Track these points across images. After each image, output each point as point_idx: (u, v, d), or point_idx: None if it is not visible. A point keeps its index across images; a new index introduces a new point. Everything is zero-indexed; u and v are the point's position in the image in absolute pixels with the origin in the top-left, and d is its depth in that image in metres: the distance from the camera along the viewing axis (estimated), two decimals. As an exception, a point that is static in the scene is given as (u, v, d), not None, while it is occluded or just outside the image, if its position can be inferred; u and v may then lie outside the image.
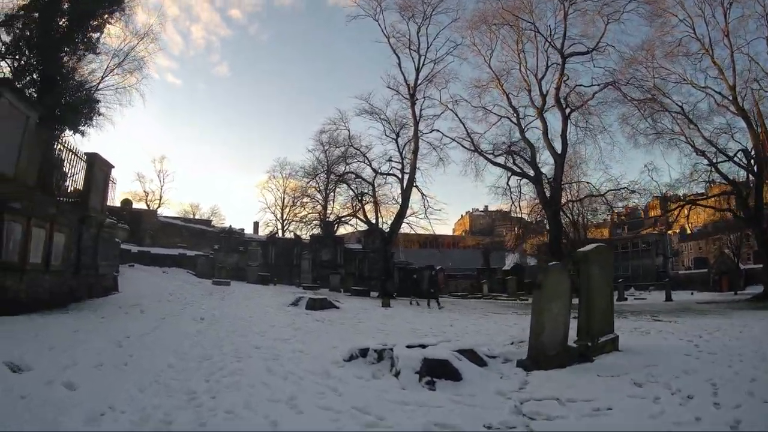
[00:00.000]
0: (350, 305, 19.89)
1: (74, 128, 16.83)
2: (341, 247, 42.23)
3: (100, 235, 16.50)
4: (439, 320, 17.30)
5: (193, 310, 13.97)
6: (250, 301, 18.03)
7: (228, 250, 37.75)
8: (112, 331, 9.57)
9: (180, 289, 20.72)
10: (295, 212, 57.64)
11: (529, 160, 34.97)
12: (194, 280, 27.45)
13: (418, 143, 33.26)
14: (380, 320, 15.82)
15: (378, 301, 24.43)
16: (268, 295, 21.79)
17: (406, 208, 32.20)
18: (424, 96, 35.19)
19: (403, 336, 12.04)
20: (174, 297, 17.50)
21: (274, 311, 15.25)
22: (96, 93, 19.28)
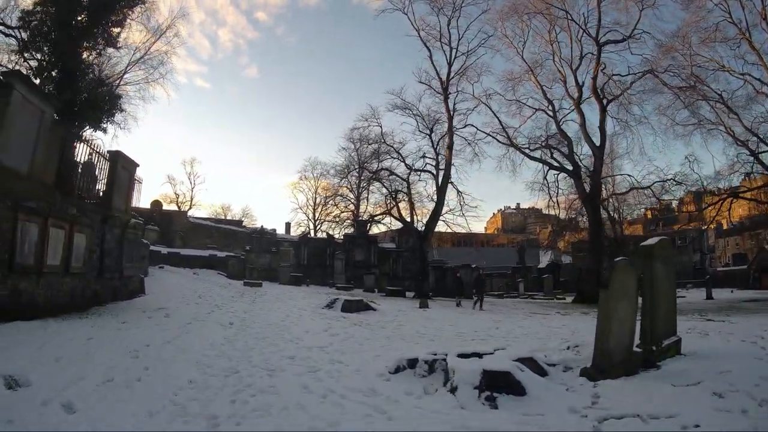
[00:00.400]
0: (387, 307, 18.73)
1: (95, 125, 16.12)
2: (375, 247, 41.16)
3: (125, 236, 15.74)
4: (482, 322, 16.08)
5: (221, 314, 13.01)
6: (282, 304, 17.04)
7: (260, 251, 37.05)
8: (131, 339, 8.63)
9: (209, 291, 19.92)
10: (327, 212, 57.10)
11: (567, 153, 33.36)
12: (225, 281, 26.72)
13: (453, 138, 31.98)
14: (421, 323, 14.65)
15: (415, 302, 23.23)
16: (301, 296, 20.80)
17: (441, 205, 30.93)
18: (457, 90, 33.89)
19: (450, 341, 10.91)
20: (203, 299, 16.65)
21: (308, 314, 14.19)
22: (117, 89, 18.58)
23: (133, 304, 14.26)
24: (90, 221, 13.46)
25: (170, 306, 13.88)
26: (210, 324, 11.06)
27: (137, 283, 16.89)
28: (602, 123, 32.41)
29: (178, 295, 17.28)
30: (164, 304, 14.43)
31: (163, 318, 11.62)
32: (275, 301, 18.03)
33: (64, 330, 8.99)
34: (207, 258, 33.06)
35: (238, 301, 17.15)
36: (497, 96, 35.45)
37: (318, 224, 56.96)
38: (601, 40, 32.55)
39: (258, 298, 18.76)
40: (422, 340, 11.14)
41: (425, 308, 20.50)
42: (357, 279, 37.11)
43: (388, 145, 32.84)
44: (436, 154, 32.44)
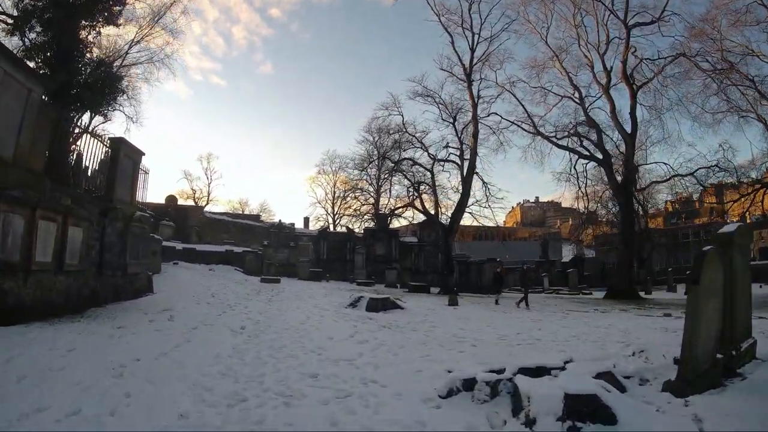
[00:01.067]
0: (414, 304, 17.10)
1: (95, 109, 14.75)
2: (396, 241, 39.55)
3: (129, 230, 14.33)
4: (520, 322, 14.43)
5: (233, 316, 11.48)
6: (301, 302, 15.50)
7: (278, 246, 35.73)
8: (121, 350, 7.13)
9: (224, 288, 18.48)
10: (346, 206, 55.68)
11: (596, 142, 31.52)
12: (241, 277, 25.33)
13: (478, 126, 30.14)
14: (455, 324, 13.02)
15: (442, 299, 21.58)
16: (321, 293, 19.26)
17: (467, 196, 29.11)
18: (481, 77, 32.10)
19: (494, 347, 9.33)
20: (215, 298, 15.19)
21: (331, 315, 12.59)
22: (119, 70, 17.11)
23: (138, 304, 12.85)
24: (88, 213, 12.07)
25: (177, 307, 12.40)
26: (219, 329, 9.52)
27: (144, 280, 15.51)
28: (633, 109, 30.79)
29: (189, 293, 15.87)
30: (172, 304, 12.99)
31: (166, 321, 10.13)
32: (294, 299, 16.50)
33: (46, 337, 7.54)
34: (223, 253, 31.74)
35: (253, 299, 15.66)
36: (521, 83, 33.83)
37: (337, 218, 55.56)
38: (629, 23, 30.93)
39: (275, 296, 17.27)
40: (463, 345, 9.53)
41: (455, 306, 18.88)
42: (378, 274, 35.79)
43: (410, 134, 31.18)
44: (461, 143, 30.69)
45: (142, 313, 11.17)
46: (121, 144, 14.19)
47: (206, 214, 42.92)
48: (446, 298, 21.87)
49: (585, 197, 34.10)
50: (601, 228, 68.45)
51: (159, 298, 14.28)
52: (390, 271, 33.04)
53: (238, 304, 13.90)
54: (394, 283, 31.90)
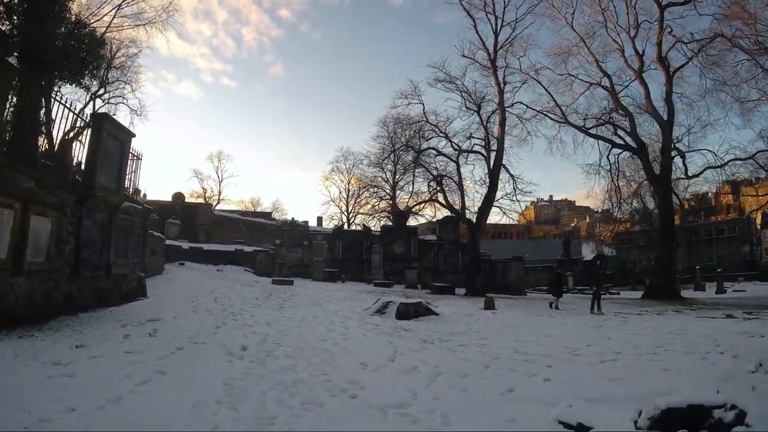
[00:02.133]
0: (447, 309, 14.46)
1: (74, 79, 12.25)
2: (415, 239, 36.88)
3: (114, 224, 11.88)
4: (579, 329, 12.01)
5: (234, 329, 8.91)
6: (318, 308, 12.95)
7: (291, 245, 33.24)
8: (52, 390, 4.61)
9: (230, 291, 16.03)
10: (360, 204, 53.28)
11: (629, 130, 28.86)
12: (251, 278, 22.88)
13: (505, 114, 27.44)
14: (507, 334, 10.49)
15: (473, 302, 19.00)
16: (340, 297, 16.72)
17: (495, 189, 26.41)
18: (506, 63, 29.41)
19: (573, 365, 7.30)
20: (218, 304, 12.71)
21: (356, 326, 9.98)
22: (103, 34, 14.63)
23: (122, 311, 10.38)
24: (59, 200, 9.63)
25: (168, 316, 9.91)
26: (211, 350, 6.94)
27: (134, 283, 13.05)
28: (669, 94, 28.27)
29: (188, 297, 13.43)
30: (163, 312, 10.53)
31: (145, 338, 7.61)
32: (310, 304, 13.95)
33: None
34: (233, 253, 29.36)
35: (262, 305, 13.12)
36: (546, 71, 31.18)
37: (352, 217, 53.04)
38: (663, 2, 28.37)
39: (288, 300, 14.75)
40: (534, 366, 7.05)
41: (491, 310, 16.26)
42: (396, 274, 33.25)
43: (432, 124, 28.47)
44: (486, 132, 27.99)
45: (119, 324, 8.68)
46: (105, 121, 11.70)
47: (215, 212, 40.53)
48: (478, 300, 19.30)
49: (617, 190, 31.31)
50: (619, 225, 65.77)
51: (151, 304, 11.85)
52: (410, 270, 30.44)
53: (243, 312, 11.35)
54: (414, 284, 29.34)
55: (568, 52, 31.86)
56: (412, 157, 28.98)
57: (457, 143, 28.50)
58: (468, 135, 28.77)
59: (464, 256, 38.77)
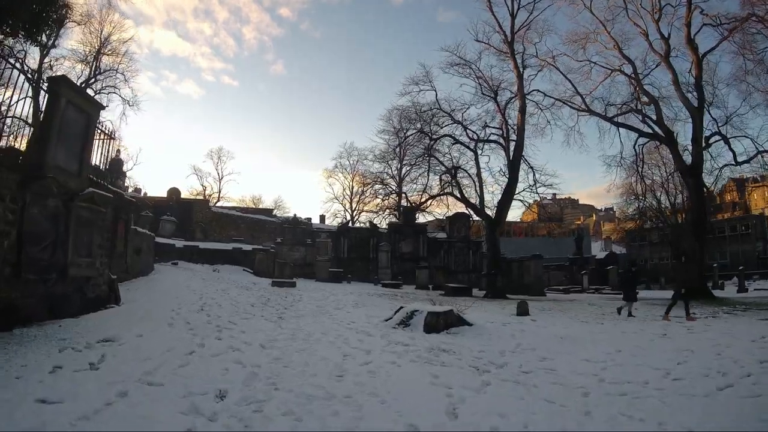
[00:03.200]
0: (478, 317, 11.89)
1: (26, 31, 9.74)
2: (424, 237, 34.41)
3: (74, 214, 9.40)
4: (648, 339, 9.70)
5: (214, 356, 6.33)
6: (327, 319, 10.41)
7: (293, 243, 30.75)
8: None
9: (222, 296, 13.55)
10: (365, 201, 50.74)
11: (655, 119, 26.38)
12: (249, 280, 20.38)
13: (525, 100, 24.88)
14: (572, 352, 8.08)
15: (500, 306, 16.53)
16: (350, 302, 14.19)
17: (515, 181, 23.82)
18: (523, 47, 26.85)
19: (692, 400, 5.00)
20: (204, 313, 10.23)
21: (380, 348, 7.33)
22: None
23: (76, 325, 7.94)
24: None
25: (131, 333, 7.41)
26: (168, 398, 4.43)
27: (103, 287, 10.57)
28: (699, 79, 25.70)
29: (169, 306, 10.95)
30: (128, 326, 8.06)
31: (80, 373, 5.12)
32: (316, 312, 11.42)
33: None
34: (230, 252, 26.88)
35: (257, 315, 10.60)
36: (563, 58, 28.54)
37: (356, 215, 50.42)
38: (690, -20, 25.65)
39: (289, 307, 12.25)
40: (649, 404, 4.86)
41: (526, 316, 13.79)
42: (404, 274, 30.99)
43: (445, 112, 25.82)
44: (505, 120, 25.40)
45: (58, 347, 6.21)
46: (63, 86, 9.22)
47: (213, 208, 37.97)
48: (503, 304, 16.91)
49: (642, 182, 28.83)
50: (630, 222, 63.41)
51: (119, 315, 9.42)
52: (421, 270, 27.95)
53: (232, 326, 8.83)
54: (425, 285, 26.87)
55: (585, 38, 29.35)
56: (425, 145, 26.29)
57: (475, 131, 25.92)
58: (483, 124, 26.24)
59: (475, 254, 36.36)
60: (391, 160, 46.88)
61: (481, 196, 25.08)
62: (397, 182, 46.54)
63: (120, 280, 14.73)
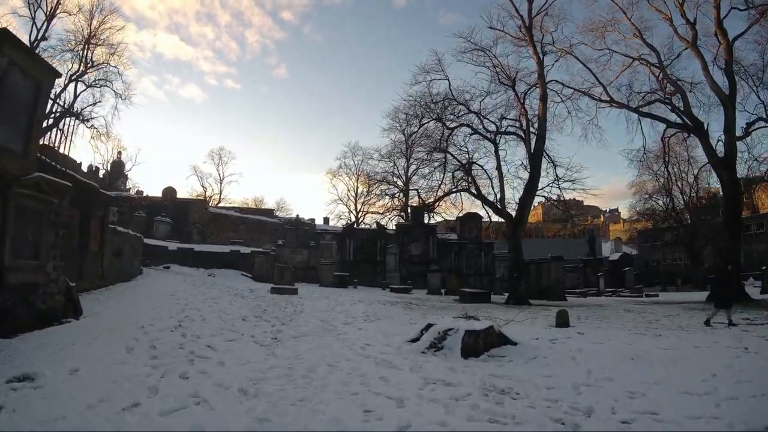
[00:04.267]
0: (517, 331, 9.56)
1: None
2: (434, 239, 32.18)
3: (11, 205, 7.24)
4: (731, 355, 7.81)
5: (159, 414, 4.10)
6: (335, 340, 8.11)
7: (295, 246, 28.57)
8: None
9: (211, 306, 11.35)
10: (370, 202, 48.56)
11: (682, 109, 24.18)
12: (246, 285, 18.19)
13: (546, 88, 22.64)
14: (660, 381, 6.02)
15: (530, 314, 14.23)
16: (360, 313, 11.87)
17: (538, 176, 21.53)
18: (542, 34, 24.61)
19: None
20: (178, 333, 8.02)
21: (413, 389, 4.98)
22: None
23: (4, 348, 5.78)
24: None
25: (59, 370, 5.21)
26: None
27: (57, 297, 8.44)
28: (729, 65, 23.52)
29: (139, 321, 8.76)
30: (72, 352, 5.97)
31: None
32: (321, 330, 9.13)
33: None
34: (228, 255, 24.71)
35: (247, 334, 8.30)
36: (580, 47, 26.31)
37: (361, 216, 48.20)
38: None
39: (288, 321, 10.00)
40: None
41: (567, 327, 11.56)
42: (413, 277, 28.81)
43: (459, 102, 23.51)
44: (525, 110, 23.13)
45: None
46: (5, 42, 7.08)
47: (210, 209, 35.74)
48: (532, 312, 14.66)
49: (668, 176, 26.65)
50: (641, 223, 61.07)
51: (70, 333, 7.37)
52: (433, 274, 25.70)
53: (209, 353, 6.58)
54: (438, 289, 24.66)
55: (603, 27, 27.17)
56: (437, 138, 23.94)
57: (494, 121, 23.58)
58: (500, 116, 23.95)
59: (487, 256, 34.14)
60: (398, 159, 44.80)
61: (502, 192, 22.74)
62: (404, 182, 44.40)
63: (94, 287, 12.59)
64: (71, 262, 11.03)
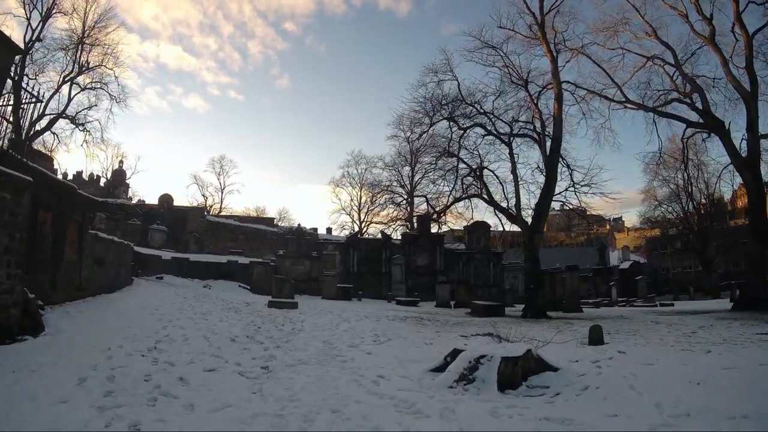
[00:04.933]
0: (552, 352, 8.08)
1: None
2: (441, 249, 30.68)
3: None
4: None
5: None
6: (337, 369, 6.55)
7: (297, 256, 27.12)
8: None
9: (197, 324, 9.91)
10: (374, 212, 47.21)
11: (701, 108, 22.86)
12: (242, 299, 16.71)
13: (561, 88, 21.29)
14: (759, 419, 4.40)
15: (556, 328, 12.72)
16: (368, 332, 10.33)
17: (554, 180, 20.06)
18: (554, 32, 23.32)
19: None
20: (150, 356, 6.62)
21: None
22: None
23: None
24: None
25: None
26: None
27: (13, 311, 7.11)
28: (750, 61, 22.15)
29: (110, 339, 7.37)
30: (4, 383, 4.45)
31: None
32: (322, 354, 7.61)
33: None
34: (225, 265, 23.30)
35: (232, 361, 6.79)
36: (593, 47, 25.02)
37: (365, 227, 46.74)
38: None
39: (285, 342, 8.52)
40: None
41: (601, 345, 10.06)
42: (420, 289, 27.33)
43: (469, 104, 22.08)
44: (539, 111, 21.76)
45: None
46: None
47: (209, 217, 34.36)
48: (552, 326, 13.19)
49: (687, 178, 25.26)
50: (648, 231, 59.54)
51: (18, 355, 6.05)
52: (442, 286, 24.19)
53: (178, 390, 5.12)
54: (447, 302, 23.11)
55: (614, 27, 25.91)
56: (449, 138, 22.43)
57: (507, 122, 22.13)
58: (511, 118, 22.55)
59: (496, 267, 32.66)
60: (402, 167, 43.55)
61: (517, 197, 21.14)
62: (408, 191, 43.05)
63: (70, 299, 11.17)
64: (42, 272, 9.69)
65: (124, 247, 15.81)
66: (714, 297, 33.48)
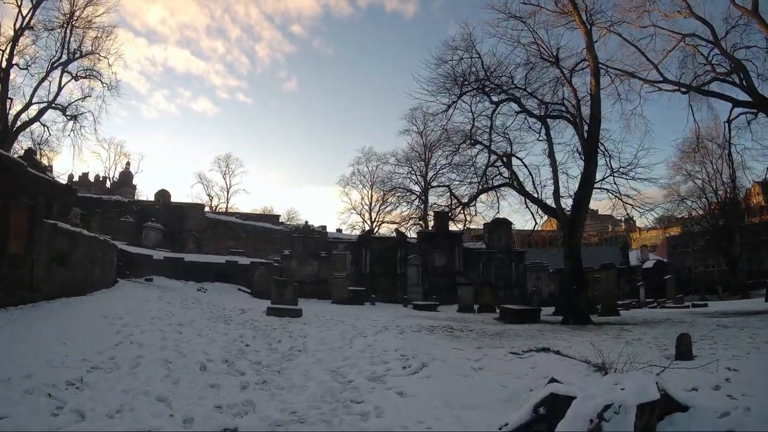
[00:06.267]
0: (677, 385, 5.57)
1: None
2: (460, 248, 28.06)
3: None
4: None
5: None
6: (360, 426, 4.21)
7: (304, 256, 24.64)
8: None
9: (164, 340, 7.47)
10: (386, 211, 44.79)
11: (745, 86, 20.02)
12: (238, 305, 14.27)
13: (597, 63, 18.56)
14: None
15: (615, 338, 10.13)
16: (391, 350, 7.73)
17: (595, 165, 17.26)
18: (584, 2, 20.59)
19: None
20: (53, 402, 4.15)
21: None
22: None
23: None
24: None
25: None
26: None
27: None
28: None
29: (23, 366, 4.94)
30: None
31: None
32: (328, 402, 4.96)
33: None
34: (223, 266, 20.92)
35: (177, 417, 4.36)
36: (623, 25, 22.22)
37: (376, 227, 44.20)
38: None
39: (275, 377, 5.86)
40: None
41: (691, 360, 7.41)
42: (437, 291, 25.15)
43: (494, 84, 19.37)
44: (574, 89, 18.96)
45: None
46: None
47: (209, 214, 31.94)
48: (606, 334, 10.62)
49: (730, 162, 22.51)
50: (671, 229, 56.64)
51: None
52: (464, 288, 21.56)
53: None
54: (470, 306, 20.49)
55: (643, 6, 23.16)
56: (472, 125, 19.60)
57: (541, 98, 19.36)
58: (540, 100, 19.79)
59: (518, 267, 30.00)
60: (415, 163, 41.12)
61: (556, 185, 18.07)
62: (422, 188, 40.54)
63: (15, 302, 8.80)
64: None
65: (99, 242, 13.40)
66: (743, 296, 31.08)
